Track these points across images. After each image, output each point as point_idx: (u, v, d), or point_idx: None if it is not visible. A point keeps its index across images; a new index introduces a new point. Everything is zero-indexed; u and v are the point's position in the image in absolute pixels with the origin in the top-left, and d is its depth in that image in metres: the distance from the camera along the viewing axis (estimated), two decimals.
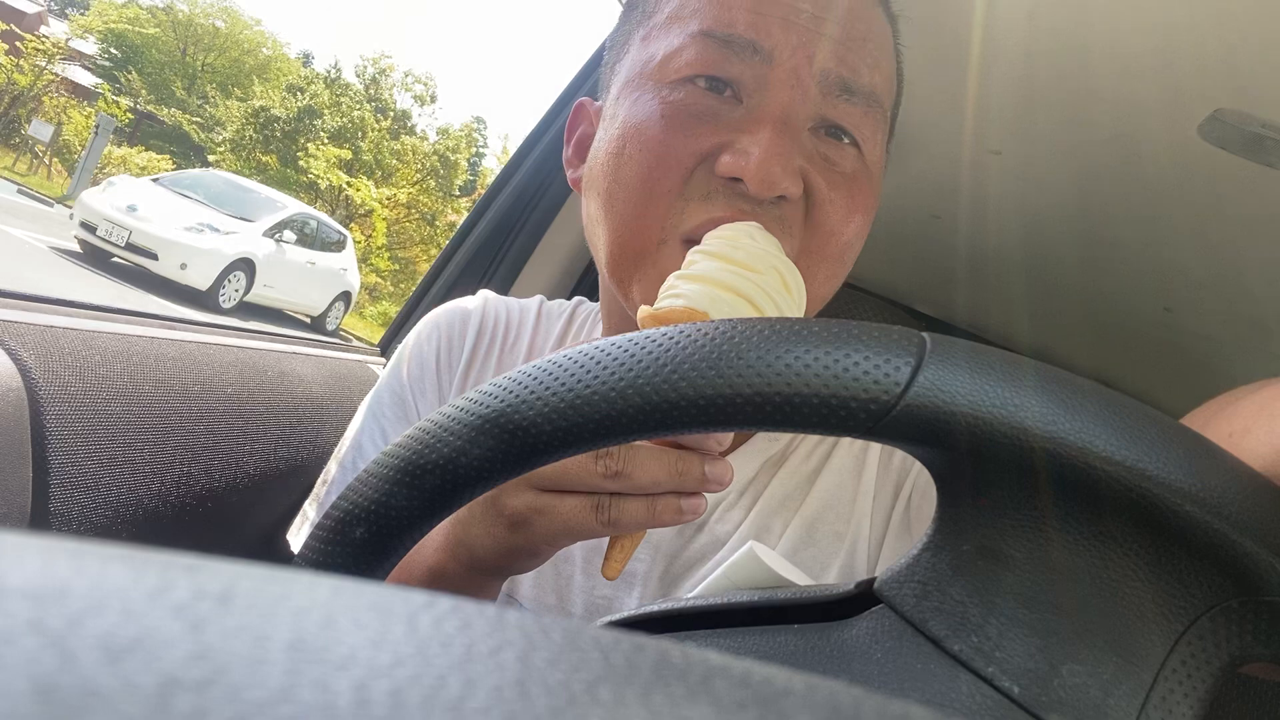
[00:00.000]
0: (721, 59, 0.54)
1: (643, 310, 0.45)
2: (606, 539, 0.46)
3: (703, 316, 0.43)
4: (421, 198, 20.16)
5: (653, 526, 0.42)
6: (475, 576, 0.48)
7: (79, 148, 15.64)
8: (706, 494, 0.43)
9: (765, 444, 0.64)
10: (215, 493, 0.76)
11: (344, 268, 11.32)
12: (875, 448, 0.64)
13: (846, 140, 0.56)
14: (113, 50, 22.03)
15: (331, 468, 0.68)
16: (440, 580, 0.48)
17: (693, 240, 0.53)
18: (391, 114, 21.47)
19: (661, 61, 0.56)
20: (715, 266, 0.46)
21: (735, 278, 0.45)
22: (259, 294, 9.86)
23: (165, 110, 21.72)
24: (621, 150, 0.56)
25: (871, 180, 0.58)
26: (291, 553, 0.68)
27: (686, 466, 0.41)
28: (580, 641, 0.11)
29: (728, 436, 0.45)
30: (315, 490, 0.69)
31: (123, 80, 21.17)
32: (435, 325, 0.70)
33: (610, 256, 0.57)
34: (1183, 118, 0.74)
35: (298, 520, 0.69)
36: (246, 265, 9.37)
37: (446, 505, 0.30)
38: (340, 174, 18.11)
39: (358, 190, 17.90)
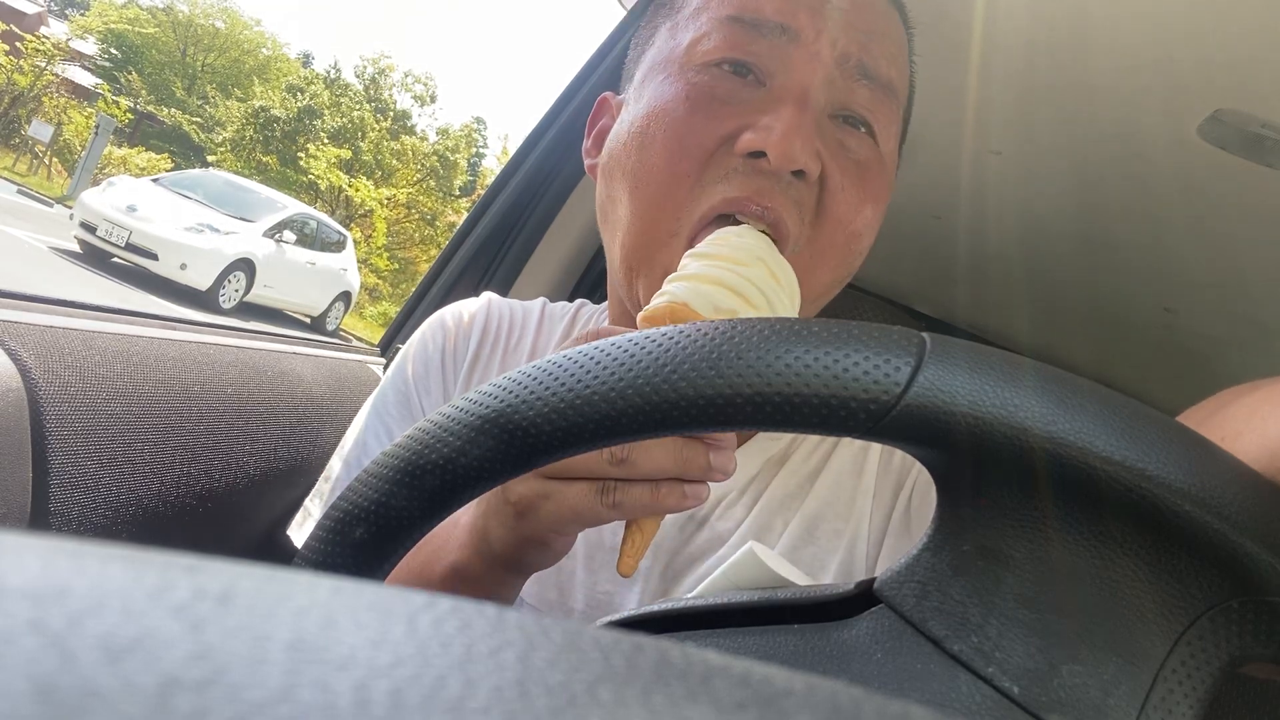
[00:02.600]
0: (747, 40, 0.56)
1: (640, 315, 0.46)
2: (614, 539, 0.46)
3: (685, 308, 0.44)
4: (421, 198, 20.16)
5: (656, 512, 0.43)
6: (496, 572, 0.47)
7: (79, 148, 15.63)
8: (711, 484, 0.43)
9: (767, 443, 0.64)
10: (215, 493, 0.76)
11: (344, 268, 11.31)
12: (876, 447, 0.64)
13: (863, 129, 0.58)
14: (113, 50, 22.03)
15: (334, 464, 0.68)
16: (463, 578, 0.48)
17: (696, 240, 0.54)
18: (391, 114, 21.47)
19: (689, 46, 0.57)
20: (701, 264, 0.47)
21: (720, 271, 0.46)
22: (259, 294, 9.86)
23: (165, 110, 21.71)
24: (646, 130, 0.57)
25: (884, 172, 0.60)
26: (292, 551, 0.68)
27: (692, 454, 0.41)
28: (580, 642, 0.11)
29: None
30: (318, 486, 0.69)
31: (123, 80, 21.17)
32: (440, 325, 0.70)
33: (624, 247, 0.59)
34: (1183, 117, 0.74)
35: (299, 516, 0.69)
36: (246, 265, 9.36)
37: (446, 505, 0.30)
38: (340, 174, 18.11)
39: (357, 190, 17.90)
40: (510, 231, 1.15)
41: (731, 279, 0.45)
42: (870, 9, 0.58)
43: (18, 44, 16.54)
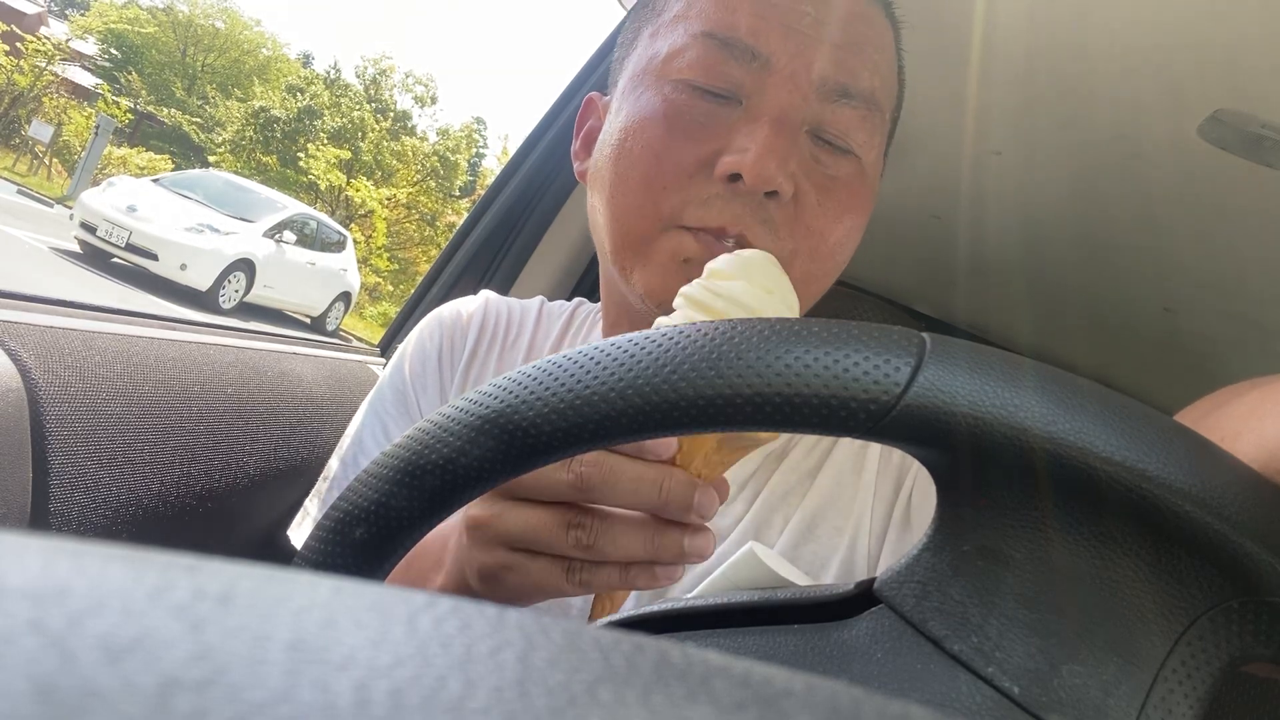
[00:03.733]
0: (721, 61, 0.56)
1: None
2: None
3: None
4: (421, 198, 20.16)
5: (628, 589, 0.41)
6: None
7: (79, 148, 15.64)
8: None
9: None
10: (215, 493, 0.76)
11: (344, 268, 11.31)
12: (876, 444, 0.64)
13: (842, 145, 0.57)
14: (113, 51, 22.03)
15: (333, 464, 0.68)
16: None
17: (691, 229, 0.54)
18: (391, 115, 21.47)
19: (666, 58, 0.57)
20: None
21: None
22: (259, 294, 9.85)
23: (165, 111, 21.71)
24: (624, 144, 0.57)
25: (866, 184, 0.60)
26: (292, 551, 0.68)
27: (665, 541, 0.38)
28: (580, 642, 0.11)
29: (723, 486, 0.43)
30: (317, 486, 0.69)
31: (123, 81, 21.16)
32: (438, 323, 0.71)
33: (613, 245, 0.59)
34: (1183, 118, 0.74)
35: (299, 516, 0.69)
36: (246, 266, 9.36)
37: (446, 506, 0.30)
38: (340, 174, 18.11)
39: (357, 191, 17.90)
40: (510, 232, 1.15)
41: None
42: (848, 17, 0.57)
43: (18, 44, 16.54)
